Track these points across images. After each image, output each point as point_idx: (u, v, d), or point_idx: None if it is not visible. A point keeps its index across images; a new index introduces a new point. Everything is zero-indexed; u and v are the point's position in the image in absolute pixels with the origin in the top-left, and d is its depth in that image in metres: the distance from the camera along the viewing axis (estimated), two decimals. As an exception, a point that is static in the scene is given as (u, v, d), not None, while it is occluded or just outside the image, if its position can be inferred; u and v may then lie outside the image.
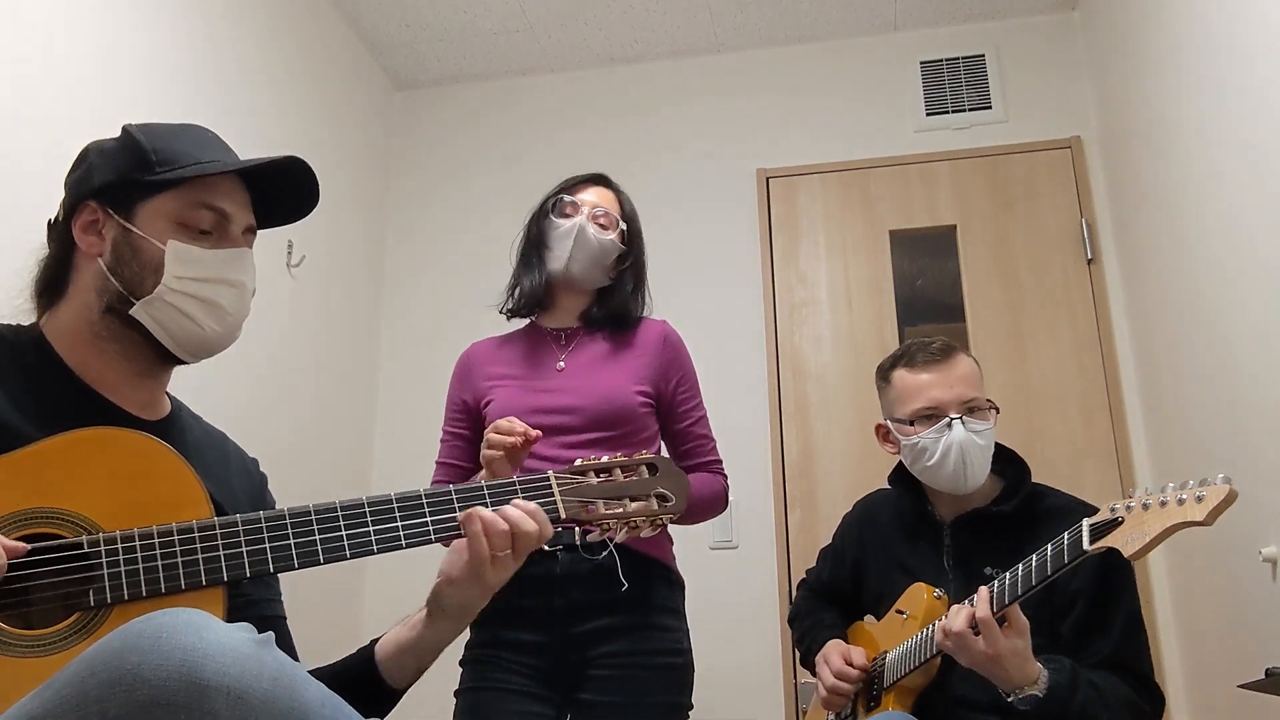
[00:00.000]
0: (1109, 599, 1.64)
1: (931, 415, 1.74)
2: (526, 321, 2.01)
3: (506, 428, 1.58)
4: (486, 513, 1.08)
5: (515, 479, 1.15)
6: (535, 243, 1.96)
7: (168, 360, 1.16)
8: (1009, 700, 1.51)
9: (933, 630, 1.62)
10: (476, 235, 3.42)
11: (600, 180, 2.00)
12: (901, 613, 1.75)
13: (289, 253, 2.87)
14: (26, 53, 2.04)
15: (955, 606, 1.54)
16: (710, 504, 1.87)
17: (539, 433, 1.58)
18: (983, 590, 1.53)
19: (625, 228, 1.95)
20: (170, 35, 2.48)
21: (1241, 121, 2.09)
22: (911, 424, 1.76)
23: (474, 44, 3.48)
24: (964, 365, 1.78)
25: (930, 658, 1.62)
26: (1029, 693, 1.48)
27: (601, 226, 1.91)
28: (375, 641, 1.17)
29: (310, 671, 1.17)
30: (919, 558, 1.80)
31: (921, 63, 3.37)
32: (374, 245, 3.47)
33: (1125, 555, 1.36)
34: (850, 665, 1.76)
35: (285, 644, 1.23)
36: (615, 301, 1.93)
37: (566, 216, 1.92)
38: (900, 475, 1.89)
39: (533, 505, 1.11)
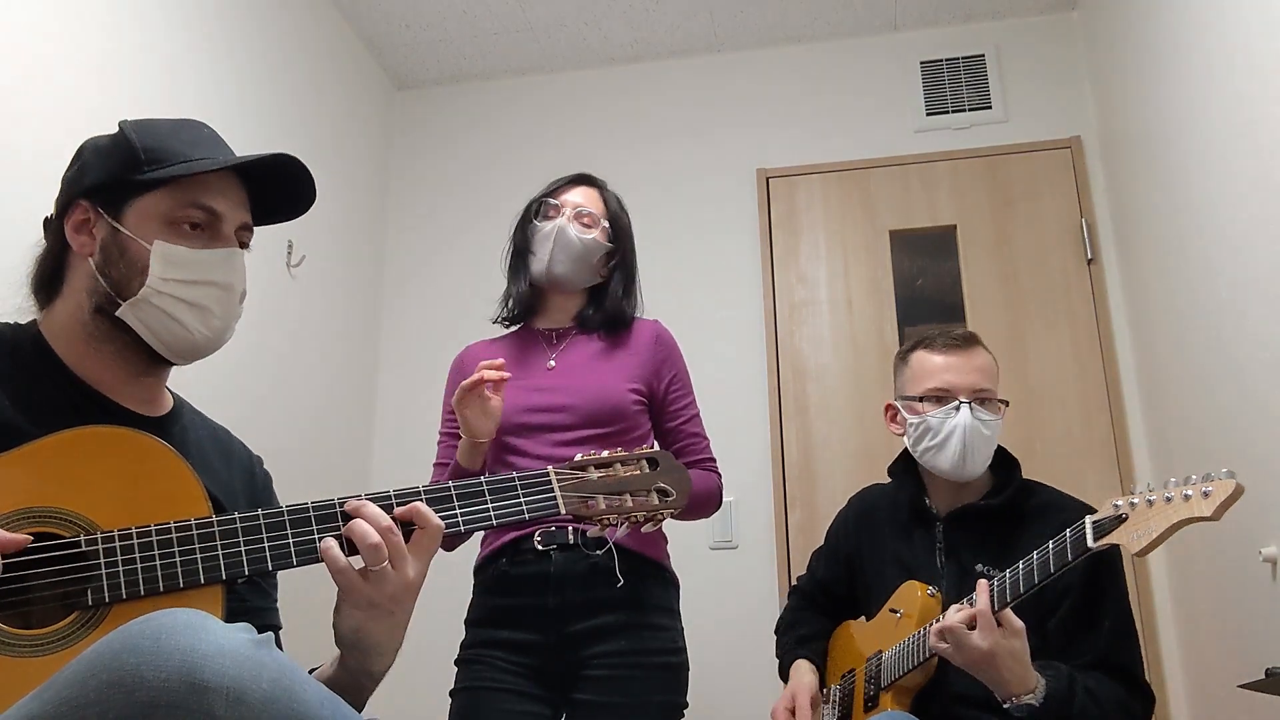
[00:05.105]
0: (1098, 596, 1.63)
1: (942, 396, 1.75)
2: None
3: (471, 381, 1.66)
4: (356, 528, 1.00)
5: (514, 475, 1.13)
6: (520, 249, 1.97)
7: (159, 362, 1.15)
8: (1005, 707, 1.50)
9: (928, 632, 1.62)
10: (477, 235, 3.42)
11: (583, 180, 1.99)
12: (896, 611, 1.75)
13: (289, 253, 2.87)
14: (25, 50, 2.04)
15: (954, 606, 1.54)
16: (706, 500, 1.87)
17: (504, 374, 1.66)
18: (982, 583, 1.52)
19: (609, 225, 1.94)
20: (169, 34, 2.48)
21: (1241, 121, 2.09)
22: (921, 401, 1.77)
23: (474, 44, 3.48)
24: (982, 357, 1.80)
25: (929, 657, 1.62)
26: (1025, 701, 1.48)
27: (585, 225, 1.90)
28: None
29: None
30: (913, 553, 1.81)
31: (921, 63, 3.37)
32: (374, 245, 3.47)
33: (1131, 553, 1.35)
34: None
35: None
36: (609, 304, 1.93)
37: (549, 219, 1.92)
38: (900, 466, 1.90)
39: (375, 510, 1.02)
